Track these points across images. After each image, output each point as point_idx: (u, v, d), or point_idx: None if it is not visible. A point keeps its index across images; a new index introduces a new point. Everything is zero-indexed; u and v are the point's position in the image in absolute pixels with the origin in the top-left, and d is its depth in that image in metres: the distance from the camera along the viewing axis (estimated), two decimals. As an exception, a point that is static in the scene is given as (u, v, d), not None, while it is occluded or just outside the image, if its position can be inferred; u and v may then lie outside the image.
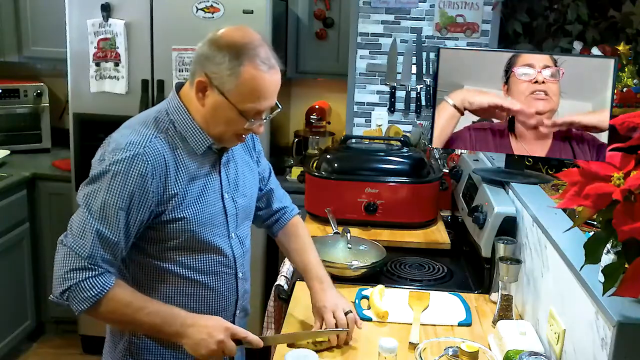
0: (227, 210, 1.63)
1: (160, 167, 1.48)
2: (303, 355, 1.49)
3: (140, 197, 1.46)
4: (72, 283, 1.44)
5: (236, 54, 1.45)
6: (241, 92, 1.47)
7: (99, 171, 1.47)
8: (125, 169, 1.45)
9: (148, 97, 3.21)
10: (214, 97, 1.49)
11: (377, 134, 3.24)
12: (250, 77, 1.46)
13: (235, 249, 1.67)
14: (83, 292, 1.44)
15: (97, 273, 1.45)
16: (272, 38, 3.21)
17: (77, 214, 1.49)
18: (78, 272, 1.44)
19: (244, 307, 1.75)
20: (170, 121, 1.55)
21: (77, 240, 1.45)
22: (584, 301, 1.32)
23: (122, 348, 1.63)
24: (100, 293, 1.45)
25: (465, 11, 3.18)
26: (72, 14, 3.19)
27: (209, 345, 1.48)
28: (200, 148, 1.56)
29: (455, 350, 1.45)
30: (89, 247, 1.44)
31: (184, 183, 1.53)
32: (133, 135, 1.49)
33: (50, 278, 1.51)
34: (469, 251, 2.29)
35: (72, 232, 1.47)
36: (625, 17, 3.03)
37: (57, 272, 1.46)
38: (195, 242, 1.57)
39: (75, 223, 1.48)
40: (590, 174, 1.11)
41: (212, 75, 1.47)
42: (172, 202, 1.51)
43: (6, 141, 3.69)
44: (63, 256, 1.46)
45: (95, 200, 1.45)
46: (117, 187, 1.45)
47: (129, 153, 1.45)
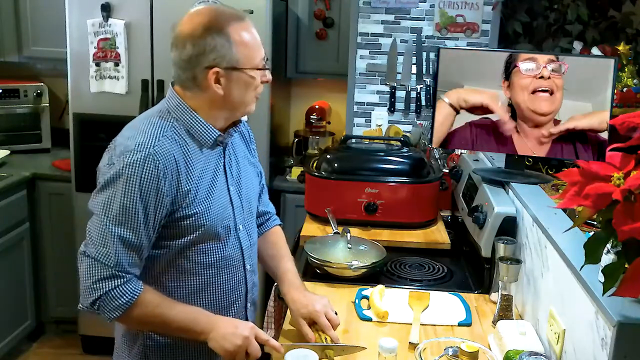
0: (233, 203, 1.64)
1: (171, 166, 1.49)
2: (303, 355, 1.49)
3: (157, 196, 1.47)
4: (102, 293, 1.45)
5: (216, 28, 1.50)
6: (244, 52, 1.53)
7: (111, 176, 1.46)
8: (139, 171, 1.45)
9: (148, 97, 3.21)
10: (231, 77, 1.53)
11: (377, 134, 3.24)
12: (239, 35, 1.52)
13: (243, 241, 1.68)
14: (114, 300, 1.45)
15: (125, 280, 1.46)
16: (272, 38, 3.21)
17: (94, 222, 1.48)
18: (106, 281, 1.45)
19: (253, 301, 1.76)
20: (174, 119, 1.56)
21: (100, 249, 1.45)
22: (584, 301, 1.32)
23: (136, 352, 1.62)
24: (131, 300, 1.46)
25: (465, 11, 3.18)
26: (72, 14, 3.19)
27: (234, 340, 1.48)
28: (208, 141, 1.57)
29: (455, 350, 1.45)
30: (113, 255, 1.45)
31: (194, 179, 1.54)
32: (140, 137, 1.49)
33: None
34: (469, 251, 2.29)
35: (93, 241, 1.47)
36: (625, 17, 3.03)
37: (84, 283, 1.47)
38: (207, 236, 1.57)
39: (94, 232, 1.47)
40: (590, 174, 1.11)
41: (218, 61, 1.51)
42: (186, 199, 1.52)
43: (6, 141, 3.69)
44: (88, 267, 1.46)
45: (112, 205, 1.45)
46: (133, 189, 1.45)
47: (140, 155, 1.46)
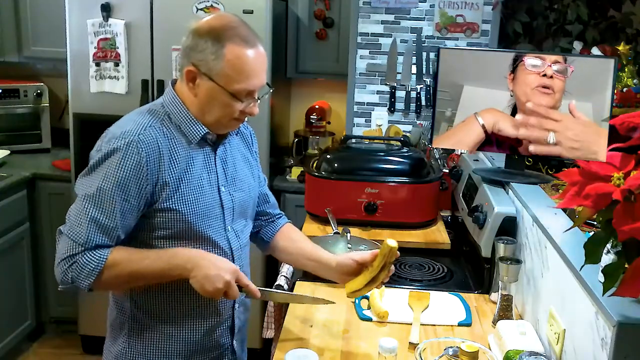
0: (223, 204, 1.63)
1: (154, 155, 1.50)
2: (303, 355, 1.49)
3: (136, 183, 1.48)
4: (71, 263, 1.46)
5: (217, 37, 1.49)
6: (228, 73, 1.50)
7: (95, 161, 1.50)
8: (121, 156, 1.47)
9: (148, 97, 3.20)
10: (205, 84, 1.52)
11: (377, 134, 3.24)
12: (234, 56, 1.49)
13: (232, 241, 1.67)
14: (83, 268, 1.47)
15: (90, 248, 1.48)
16: (272, 38, 3.21)
17: (74, 203, 1.51)
18: (75, 256, 1.47)
19: (243, 302, 1.75)
20: (166, 112, 1.58)
21: (74, 228, 1.48)
22: (584, 301, 1.32)
23: (121, 340, 1.63)
24: (100, 264, 1.47)
25: (465, 11, 3.18)
26: (72, 14, 3.18)
27: (215, 284, 1.48)
28: (195, 137, 1.58)
29: (455, 350, 1.45)
30: (84, 233, 1.47)
31: (177, 173, 1.54)
32: (128, 125, 1.52)
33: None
34: (469, 251, 2.29)
35: (70, 221, 1.50)
36: (625, 17, 3.04)
37: (57, 259, 1.49)
38: (191, 233, 1.57)
39: (72, 212, 1.50)
40: (590, 174, 1.11)
41: (199, 63, 1.50)
42: (165, 191, 1.52)
43: (6, 141, 3.69)
44: (61, 244, 1.49)
45: (90, 188, 1.48)
46: (112, 174, 1.47)
47: (124, 141, 1.48)
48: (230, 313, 1.70)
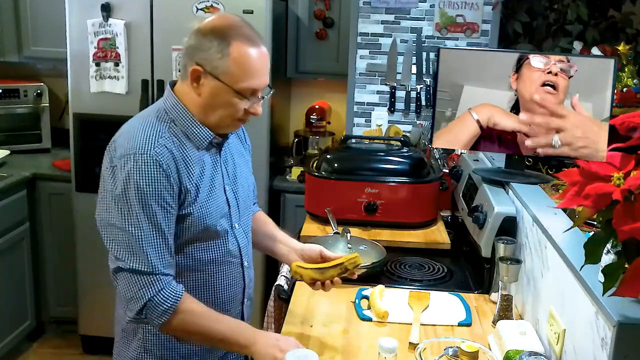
0: (229, 202, 1.65)
1: (173, 166, 1.50)
2: (303, 355, 1.49)
3: (171, 193, 1.49)
4: (146, 300, 1.46)
5: (222, 36, 1.49)
6: (234, 71, 1.49)
7: (122, 187, 1.46)
8: (146, 175, 1.46)
9: (148, 97, 3.21)
10: (210, 83, 1.51)
11: (377, 134, 3.24)
12: (239, 54, 1.49)
13: (240, 238, 1.69)
14: (159, 306, 1.46)
15: (164, 284, 1.47)
16: (272, 38, 3.22)
17: (116, 235, 1.48)
18: (147, 288, 1.46)
19: (250, 296, 1.77)
20: (171, 120, 1.56)
21: (132, 258, 1.46)
22: (584, 301, 1.32)
23: (136, 345, 1.63)
24: (175, 303, 1.47)
25: (465, 11, 3.18)
26: (72, 14, 3.19)
27: (276, 355, 1.49)
28: (203, 144, 1.58)
29: (455, 350, 1.45)
30: (146, 260, 1.46)
31: (194, 179, 1.54)
32: (139, 139, 1.49)
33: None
34: (469, 251, 2.29)
35: (122, 254, 1.47)
36: (625, 17, 3.04)
37: (126, 295, 1.48)
38: (205, 235, 1.58)
39: (120, 245, 1.47)
40: (590, 174, 1.11)
41: (204, 62, 1.50)
42: (187, 198, 1.53)
43: (6, 141, 3.69)
44: (125, 279, 1.47)
45: (131, 214, 1.46)
46: (145, 194, 1.45)
47: (143, 158, 1.46)
48: (240, 309, 1.72)
